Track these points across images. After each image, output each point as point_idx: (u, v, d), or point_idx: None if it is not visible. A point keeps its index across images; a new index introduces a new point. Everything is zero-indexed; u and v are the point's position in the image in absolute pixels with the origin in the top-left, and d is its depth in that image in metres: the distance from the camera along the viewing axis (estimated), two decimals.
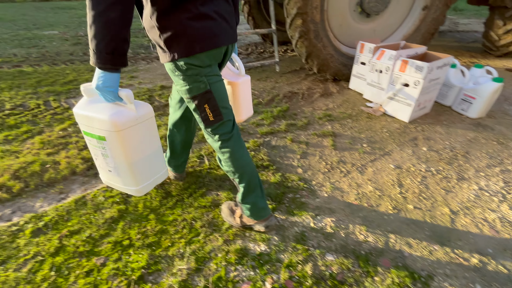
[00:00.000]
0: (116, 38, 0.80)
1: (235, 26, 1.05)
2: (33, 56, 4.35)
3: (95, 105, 0.99)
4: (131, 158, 1.03)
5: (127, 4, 0.77)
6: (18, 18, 8.62)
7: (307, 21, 2.68)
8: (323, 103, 2.72)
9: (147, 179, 1.15)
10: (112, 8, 0.76)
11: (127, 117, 0.97)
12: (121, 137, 0.96)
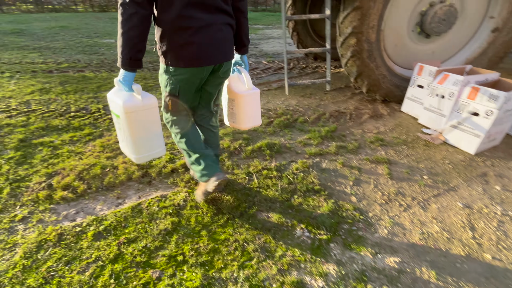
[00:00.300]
0: (133, 49, 1.13)
1: (227, 49, 1.29)
2: (94, 63, 4.79)
3: (120, 93, 1.29)
4: (134, 135, 1.34)
5: (143, 27, 1.11)
6: (82, 26, 9.65)
7: (361, 41, 2.61)
8: (373, 125, 2.59)
9: (145, 152, 1.42)
10: (133, 29, 1.09)
11: (134, 103, 1.26)
12: (128, 118, 1.28)
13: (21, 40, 6.92)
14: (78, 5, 18.50)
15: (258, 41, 7.27)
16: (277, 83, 3.84)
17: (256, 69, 4.52)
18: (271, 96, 3.32)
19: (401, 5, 2.58)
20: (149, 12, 1.11)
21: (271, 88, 3.58)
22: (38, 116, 2.69)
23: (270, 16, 15.03)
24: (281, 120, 2.60)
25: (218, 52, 1.25)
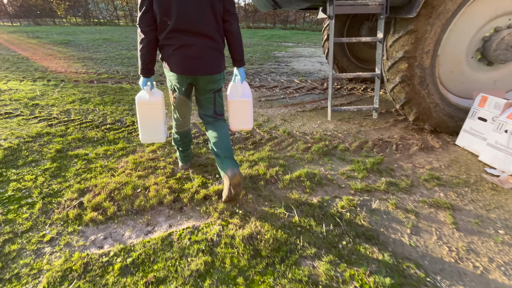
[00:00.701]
0: (144, 62, 1.60)
1: (205, 66, 1.59)
2: (131, 74, 4.97)
3: (141, 91, 1.77)
4: (140, 121, 1.81)
5: (149, 48, 1.55)
6: (122, 39, 10.30)
7: (413, 66, 2.39)
8: (425, 159, 2.31)
9: (147, 136, 1.85)
10: (143, 49, 1.55)
11: (142, 98, 1.74)
12: (137, 108, 1.78)
13: (68, 50, 7.47)
14: (120, 20, 20.04)
15: (289, 59, 7.24)
16: (311, 104, 3.68)
17: (289, 88, 4.41)
18: (306, 118, 3.15)
19: (462, 30, 2.35)
20: (152, 37, 1.53)
21: (305, 110, 3.43)
22: (76, 126, 2.73)
23: (299, 34, 15.17)
24: (319, 147, 2.41)
25: (195, 66, 1.58)
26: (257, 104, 3.60)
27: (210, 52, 1.57)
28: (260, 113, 3.29)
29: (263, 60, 6.89)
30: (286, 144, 2.50)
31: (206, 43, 1.54)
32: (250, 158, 2.22)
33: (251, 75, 5.24)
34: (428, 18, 2.20)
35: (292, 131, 2.77)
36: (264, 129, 2.79)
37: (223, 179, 1.62)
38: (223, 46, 1.63)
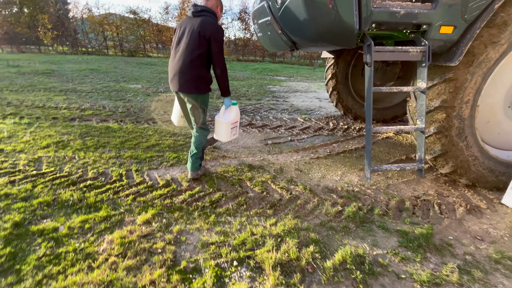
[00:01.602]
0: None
1: (182, 83, 2.10)
2: (119, 111, 4.50)
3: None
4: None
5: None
6: (110, 70, 9.96)
7: (451, 116, 2.13)
8: (479, 226, 1.93)
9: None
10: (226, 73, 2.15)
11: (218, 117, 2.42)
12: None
13: (50, 81, 6.96)
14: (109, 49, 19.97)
15: (285, 94, 7.11)
16: (324, 148, 3.34)
17: (294, 128, 4.10)
18: (323, 168, 2.77)
19: (500, 79, 2.16)
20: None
21: (319, 156, 3.06)
22: (46, 183, 2.17)
23: (289, 68, 15.61)
24: (352, 211, 1.99)
25: (176, 83, 2.12)
26: (265, 149, 3.21)
27: (191, 73, 2.09)
28: (271, 160, 2.88)
29: (260, 95, 6.69)
30: (311, 206, 2.07)
31: (190, 65, 2.07)
32: (273, 230, 1.75)
33: (251, 112, 4.93)
34: (469, 66, 1.98)
35: (313, 187, 2.36)
36: (281, 184, 2.36)
37: None
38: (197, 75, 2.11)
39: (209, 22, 2.03)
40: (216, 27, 2.03)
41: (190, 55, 2.02)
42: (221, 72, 2.09)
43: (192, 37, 2.01)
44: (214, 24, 2.04)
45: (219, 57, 2.05)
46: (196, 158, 2.31)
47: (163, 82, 7.87)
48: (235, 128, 2.51)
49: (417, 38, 1.85)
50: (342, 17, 1.64)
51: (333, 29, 1.71)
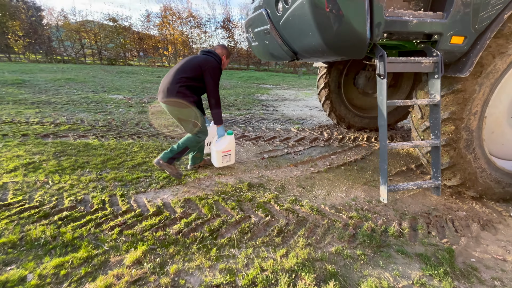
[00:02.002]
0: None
1: (165, 93, 2.29)
2: (100, 124, 4.14)
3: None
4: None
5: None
6: (89, 80, 9.42)
7: (459, 128, 2.06)
8: (497, 244, 1.84)
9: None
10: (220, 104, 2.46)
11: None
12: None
13: (21, 92, 6.40)
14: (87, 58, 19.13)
15: (274, 102, 7.00)
16: (323, 161, 3.20)
17: (289, 139, 3.95)
18: (326, 183, 2.62)
19: (504, 89, 2.12)
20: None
21: (320, 170, 2.91)
22: (12, 216, 1.84)
23: (274, 76, 15.67)
24: (365, 233, 1.83)
25: (161, 93, 2.34)
26: (262, 164, 3.01)
27: (176, 87, 2.29)
28: (270, 177, 2.69)
29: (249, 104, 6.53)
30: (322, 230, 1.88)
31: (177, 83, 2.29)
32: (285, 264, 1.54)
33: (242, 123, 4.74)
34: (477, 77, 1.92)
35: (320, 207, 2.18)
36: (285, 205, 2.16)
37: None
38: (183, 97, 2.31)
39: (211, 60, 2.36)
40: (215, 65, 2.35)
41: (180, 73, 2.30)
42: (215, 102, 2.38)
43: (189, 64, 2.34)
44: (214, 63, 2.36)
45: (214, 89, 2.35)
46: (170, 151, 2.42)
47: (146, 92, 7.52)
48: (227, 156, 2.76)
49: (428, 49, 1.76)
50: (353, 26, 1.51)
51: (343, 39, 1.58)
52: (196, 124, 2.42)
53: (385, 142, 1.67)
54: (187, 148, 2.46)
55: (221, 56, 2.52)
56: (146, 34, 20.23)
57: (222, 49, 2.54)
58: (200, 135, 2.46)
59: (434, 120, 1.82)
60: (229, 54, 2.59)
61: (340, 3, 1.46)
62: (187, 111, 2.34)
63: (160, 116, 4.92)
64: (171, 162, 2.43)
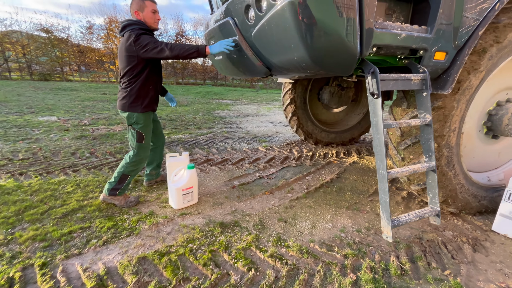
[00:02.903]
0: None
1: (118, 96, 2.10)
2: (19, 157, 3.25)
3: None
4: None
5: None
6: (12, 99, 7.86)
7: (441, 146, 1.98)
8: (493, 267, 1.73)
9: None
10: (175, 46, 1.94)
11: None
12: None
13: None
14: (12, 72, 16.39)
15: (236, 119, 6.68)
16: (299, 184, 2.93)
17: (259, 160, 3.62)
18: (309, 212, 2.32)
19: (476, 105, 2.14)
20: None
21: (298, 196, 2.62)
22: None
23: (233, 91, 15.50)
24: (368, 278, 1.55)
25: None
26: (233, 194, 2.60)
27: (120, 93, 2.11)
28: (245, 211, 2.29)
29: (210, 122, 6.08)
30: (319, 281, 1.54)
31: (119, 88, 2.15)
32: None
33: (205, 144, 4.27)
34: (455, 94, 1.87)
35: (309, 246, 1.86)
36: (269, 250, 1.78)
37: None
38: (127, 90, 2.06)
39: (128, 36, 1.93)
40: (135, 37, 1.89)
41: (121, 76, 2.06)
42: (171, 48, 1.88)
43: (121, 59, 2.01)
44: (134, 34, 1.91)
45: (155, 47, 1.89)
46: (109, 182, 2.17)
47: (88, 112, 6.51)
48: (189, 194, 2.29)
49: (412, 65, 1.64)
50: (343, 38, 1.28)
51: (331, 52, 1.34)
52: (138, 134, 2.09)
53: (384, 170, 1.45)
54: (126, 175, 2.17)
55: (133, 15, 2.00)
56: (88, 47, 18.38)
57: (131, 5, 1.98)
58: (136, 155, 2.14)
59: (426, 141, 1.68)
60: (141, 2, 1.97)
61: (328, 11, 1.22)
62: (134, 116, 2.07)
63: (105, 141, 4.16)
64: (114, 194, 2.17)
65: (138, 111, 2.06)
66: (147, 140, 2.17)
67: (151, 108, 2.14)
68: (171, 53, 1.87)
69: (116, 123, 5.45)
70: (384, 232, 1.53)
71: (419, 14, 1.60)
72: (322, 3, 1.21)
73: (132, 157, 2.15)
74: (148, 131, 2.16)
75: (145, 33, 1.94)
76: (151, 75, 2.06)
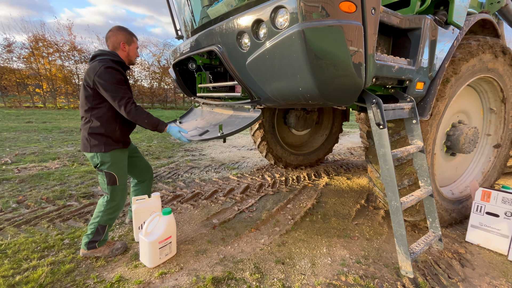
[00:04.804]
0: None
1: (81, 136, 1.82)
2: None
3: None
4: None
5: None
6: None
7: None
8: (483, 280, 1.82)
9: None
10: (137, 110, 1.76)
11: None
12: None
13: None
14: None
15: (196, 145, 6.29)
16: (283, 215, 2.77)
17: (233, 191, 3.36)
18: (303, 247, 2.16)
19: (441, 127, 2.37)
20: None
21: (287, 229, 2.45)
22: None
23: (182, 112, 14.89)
24: None
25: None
26: (216, 237, 2.28)
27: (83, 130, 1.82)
28: (236, 256, 2.00)
29: (169, 150, 5.57)
30: None
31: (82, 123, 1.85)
32: None
33: (168, 177, 3.81)
34: (428, 119, 2.02)
35: None
36: None
37: None
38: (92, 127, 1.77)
39: (93, 66, 1.71)
40: (99, 69, 1.68)
41: (81, 111, 1.82)
42: (128, 111, 1.71)
43: (81, 91, 1.79)
44: (99, 66, 1.69)
45: (115, 97, 1.68)
46: (86, 235, 1.89)
47: (9, 146, 5.29)
48: (167, 245, 1.90)
49: (399, 94, 1.72)
50: (352, 70, 1.24)
51: (339, 84, 1.28)
52: (107, 175, 1.80)
53: (397, 202, 1.41)
54: (103, 226, 1.87)
55: (118, 47, 1.81)
56: (6, 68, 15.64)
57: (117, 35, 1.80)
58: (111, 201, 1.84)
59: (420, 166, 1.74)
60: (130, 36, 1.85)
61: (339, 42, 1.17)
62: (100, 156, 1.79)
63: (38, 183, 3.34)
64: (94, 247, 1.89)
65: (102, 150, 1.75)
66: (121, 181, 1.87)
67: (118, 145, 1.83)
68: (127, 115, 1.72)
69: (51, 159, 4.52)
70: (403, 268, 1.46)
71: (399, 48, 1.71)
72: (333, 33, 1.15)
73: (106, 203, 1.85)
74: (120, 170, 1.85)
75: (114, 68, 1.72)
76: (113, 109, 1.78)
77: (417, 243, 1.63)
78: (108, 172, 1.79)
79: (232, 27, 1.49)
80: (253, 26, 1.36)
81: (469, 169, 2.91)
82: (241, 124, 1.81)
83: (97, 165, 1.80)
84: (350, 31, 1.17)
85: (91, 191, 3.19)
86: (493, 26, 2.43)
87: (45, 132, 7.21)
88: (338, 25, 1.14)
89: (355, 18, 1.19)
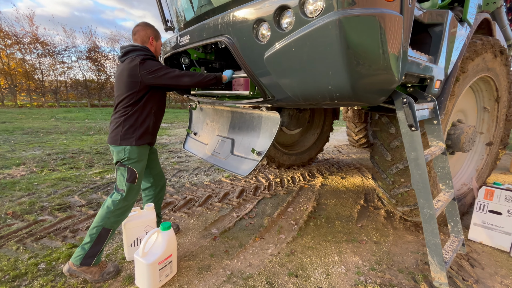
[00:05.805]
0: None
1: (111, 128, 1.75)
2: None
3: None
4: None
5: None
6: None
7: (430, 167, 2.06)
8: (496, 281, 1.82)
9: None
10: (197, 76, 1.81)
11: None
12: None
13: None
14: None
15: (181, 146, 5.95)
16: (286, 220, 2.62)
17: (228, 195, 3.15)
18: (314, 256, 2.03)
19: None
20: None
21: (294, 236, 2.31)
22: None
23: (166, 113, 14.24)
24: None
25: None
26: (219, 249, 2.07)
27: (113, 124, 1.76)
28: (244, 271, 1.81)
29: None
30: None
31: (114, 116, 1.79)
32: None
33: None
34: None
35: None
36: None
37: None
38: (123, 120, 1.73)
39: (135, 62, 1.69)
40: (145, 62, 1.69)
41: (119, 105, 1.75)
42: (188, 77, 1.76)
43: (118, 85, 1.75)
44: (140, 59, 1.69)
45: (166, 74, 1.71)
46: (81, 248, 1.63)
47: None
48: (168, 265, 1.66)
49: (419, 93, 1.63)
50: (390, 65, 1.11)
51: (375, 81, 1.14)
52: (128, 171, 1.69)
53: (432, 210, 1.31)
54: (107, 230, 1.65)
55: (147, 41, 1.85)
56: None
57: (146, 29, 1.84)
58: (125, 200, 1.68)
59: (442, 169, 1.67)
60: (156, 32, 1.90)
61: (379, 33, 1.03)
62: (125, 150, 1.71)
63: (2, 194, 2.88)
64: (89, 263, 1.62)
65: (132, 144, 1.70)
66: (139, 181, 1.78)
67: (147, 140, 1.78)
68: (191, 80, 1.74)
69: (15, 164, 3.97)
70: (436, 279, 1.37)
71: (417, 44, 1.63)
72: (374, 23, 1.01)
73: (118, 202, 1.67)
74: (142, 169, 1.79)
75: (152, 59, 1.77)
76: (152, 104, 1.79)
77: (444, 251, 1.57)
78: (131, 168, 1.71)
79: (247, 15, 1.29)
80: (275, 14, 1.17)
81: (464, 167, 2.98)
82: (267, 131, 1.78)
83: (122, 160, 1.71)
84: (392, 21, 1.04)
85: (66, 201, 2.81)
86: (489, 26, 2.46)
87: (5, 134, 6.42)
88: (380, 14, 1.00)
89: (395, 8, 1.06)
